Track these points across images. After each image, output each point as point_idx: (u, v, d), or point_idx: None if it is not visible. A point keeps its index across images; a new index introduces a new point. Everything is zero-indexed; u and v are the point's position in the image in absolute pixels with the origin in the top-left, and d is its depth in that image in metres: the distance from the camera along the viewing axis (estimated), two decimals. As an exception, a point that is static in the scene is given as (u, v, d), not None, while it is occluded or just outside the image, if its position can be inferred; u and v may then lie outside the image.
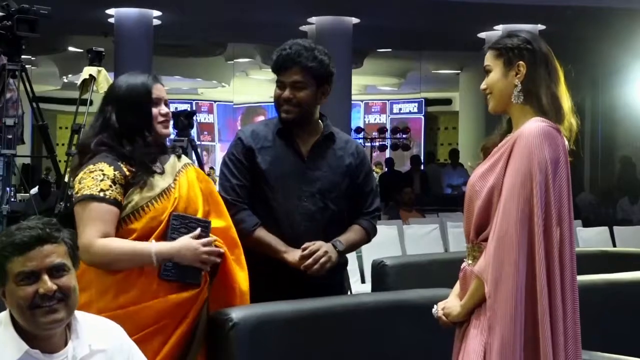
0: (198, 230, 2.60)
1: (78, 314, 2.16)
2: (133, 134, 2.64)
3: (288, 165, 3.00)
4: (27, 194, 8.20)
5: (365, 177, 3.13)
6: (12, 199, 7.67)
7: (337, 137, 3.10)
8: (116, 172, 2.57)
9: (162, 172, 2.66)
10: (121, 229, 2.57)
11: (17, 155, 4.87)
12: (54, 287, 2.02)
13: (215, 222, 2.70)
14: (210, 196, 2.74)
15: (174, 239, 2.58)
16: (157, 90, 2.70)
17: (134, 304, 2.51)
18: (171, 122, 2.77)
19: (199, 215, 2.66)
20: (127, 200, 2.57)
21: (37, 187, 10.78)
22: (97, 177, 2.56)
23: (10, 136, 4.70)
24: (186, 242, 2.57)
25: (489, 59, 2.47)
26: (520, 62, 2.40)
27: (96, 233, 2.50)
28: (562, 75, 2.44)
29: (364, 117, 20.60)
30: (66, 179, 4.73)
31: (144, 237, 2.57)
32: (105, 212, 2.53)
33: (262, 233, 2.95)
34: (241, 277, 2.72)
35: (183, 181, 2.67)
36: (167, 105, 2.73)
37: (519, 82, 2.40)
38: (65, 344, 2.10)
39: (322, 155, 3.04)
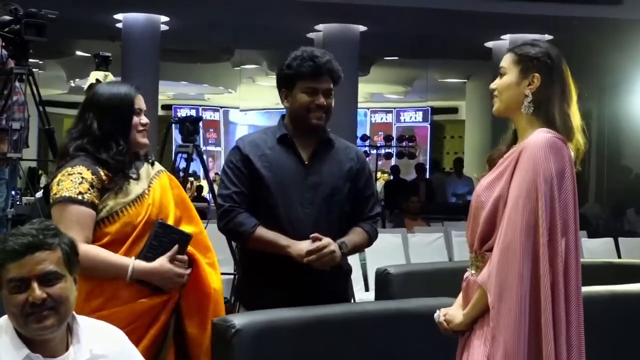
0: (175, 248, 2.66)
1: (80, 318, 2.16)
2: (109, 141, 2.70)
3: (289, 172, 3.00)
4: (33, 198, 8.20)
5: (366, 182, 3.13)
6: (18, 203, 7.68)
7: (336, 142, 3.11)
8: (94, 176, 2.64)
9: (138, 178, 2.72)
10: (95, 232, 2.63)
11: (23, 159, 4.86)
12: (43, 295, 2.01)
13: (187, 228, 2.77)
14: (182, 202, 2.81)
15: (153, 245, 2.65)
16: (139, 100, 2.79)
17: (106, 308, 2.56)
18: (148, 133, 2.83)
19: (170, 221, 2.71)
20: (102, 204, 2.64)
21: (42, 190, 10.79)
22: (76, 180, 2.62)
23: (16, 139, 4.71)
24: (164, 268, 2.64)
25: (506, 62, 2.46)
26: (536, 73, 2.40)
27: (80, 238, 2.52)
28: (575, 94, 2.44)
29: (371, 118, 20.68)
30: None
31: (118, 241, 2.64)
32: (84, 215, 2.60)
33: (262, 232, 2.96)
34: (214, 278, 2.79)
35: (156, 187, 2.74)
36: (146, 116, 2.81)
37: (530, 93, 2.40)
38: (67, 348, 2.10)
39: (323, 160, 3.05)
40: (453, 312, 2.50)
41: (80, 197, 2.60)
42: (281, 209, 2.98)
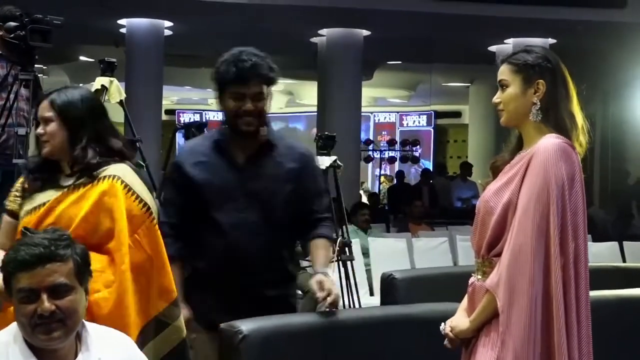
0: None
1: (88, 325, 2.16)
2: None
3: (225, 178, 2.95)
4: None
5: (311, 181, 3.02)
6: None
7: (280, 143, 3.02)
8: (19, 184, 2.70)
9: (59, 188, 2.63)
10: None
11: (28, 165, 4.87)
12: (52, 307, 2.01)
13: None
14: (111, 213, 2.61)
15: None
16: (40, 109, 2.66)
17: None
18: (52, 143, 2.63)
19: (70, 230, 2.47)
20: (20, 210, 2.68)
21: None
22: (12, 189, 2.72)
23: (21, 145, 4.71)
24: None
25: (505, 74, 2.44)
26: (540, 80, 2.39)
27: None
28: (574, 92, 2.44)
29: (374, 118, 20.71)
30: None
31: None
32: (4, 222, 2.71)
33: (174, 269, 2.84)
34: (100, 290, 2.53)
35: (70, 197, 2.61)
36: (46, 122, 2.63)
37: (538, 100, 2.39)
38: (76, 355, 2.10)
39: (260, 164, 2.97)
40: (457, 319, 2.49)
41: (6, 204, 2.69)
42: (219, 215, 2.92)
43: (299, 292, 6.44)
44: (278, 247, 2.99)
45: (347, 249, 6.06)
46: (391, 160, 17.16)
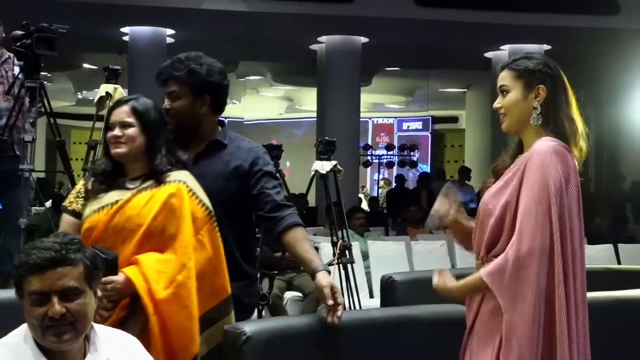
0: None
1: (97, 326, 2.20)
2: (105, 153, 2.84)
3: None
4: (42, 208, 8.27)
5: (259, 177, 3.02)
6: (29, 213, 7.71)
7: (231, 144, 3.07)
8: (83, 186, 2.80)
9: (125, 189, 2.74)
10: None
11: (34, 170, 4.92)
12: (63, 310, 2.03)
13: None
14: (177, 214, 2.70)
15: None
16: (114, 115, 2.79)
17: None
18: (124, 144, 2.76)
19: (139, 232, 2.65)
20: (84, 211, 2.78)
21: (50, 200, 10.84)
22: (72, 191, 2.85)
23: (28, 151, 4.77)
24: None
25: (506, 79, 2.48)
26: (541, 85, 2.44)
27: None
28: (574, 98, 2.49)
29: (373, 121, 20.77)
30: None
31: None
32: (65, 221, 2.80)
33: None
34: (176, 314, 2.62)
35: (140, 197, 2.71)
36: (125, 127, 2.75)
37: (539, 104, 2.44)
38: (84, 356, 2.14)
39: (206, 163, 3.02)
40: (448, 278, 2.51)
41: (66, 204, 2.80)
42: None
43: (300, 294, 6.53)
44: (227, 240, 2.94)
45: (347, 251, 6.12)
46: (389, 164, 17.24)
